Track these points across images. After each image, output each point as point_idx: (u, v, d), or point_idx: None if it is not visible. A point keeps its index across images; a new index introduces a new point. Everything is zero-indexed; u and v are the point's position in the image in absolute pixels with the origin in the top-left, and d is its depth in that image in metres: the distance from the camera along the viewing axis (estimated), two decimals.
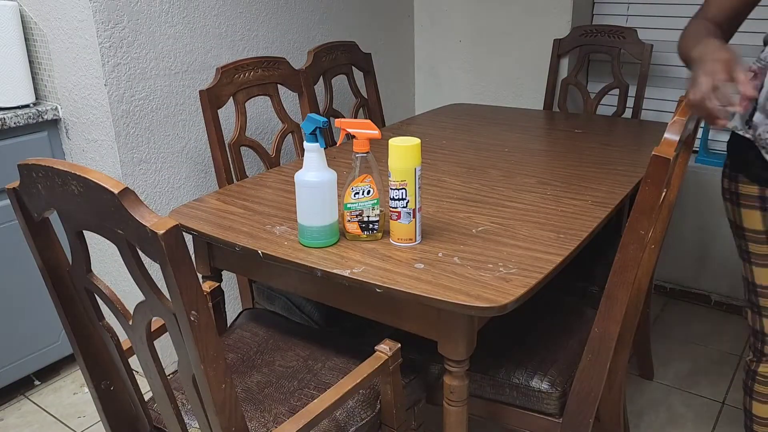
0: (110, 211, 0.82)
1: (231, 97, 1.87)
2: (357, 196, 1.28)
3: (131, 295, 1.99)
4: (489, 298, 1.10)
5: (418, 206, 1.27)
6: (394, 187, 1.25)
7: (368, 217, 1.30)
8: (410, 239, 1.29)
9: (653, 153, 1.07)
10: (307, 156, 1.26)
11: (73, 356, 1.15)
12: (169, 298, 0.85)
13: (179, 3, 2.01)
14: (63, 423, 1.99)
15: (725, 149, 1.39)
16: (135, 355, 1.05)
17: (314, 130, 1.24)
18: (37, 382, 2.17)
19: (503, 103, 2.84)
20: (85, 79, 1.90)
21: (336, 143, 1.75)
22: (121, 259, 0.88)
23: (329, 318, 1.74)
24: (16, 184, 0.97)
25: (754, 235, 1.36)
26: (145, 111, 1.97)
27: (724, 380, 2.13)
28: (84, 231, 0.95)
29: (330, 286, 1.33)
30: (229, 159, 1.87)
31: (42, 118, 1.96)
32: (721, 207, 1.44)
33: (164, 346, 2.07)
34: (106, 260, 2.11)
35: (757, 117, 1.24)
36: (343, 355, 1.43)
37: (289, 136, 2.04)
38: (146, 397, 1.17)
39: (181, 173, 2.11)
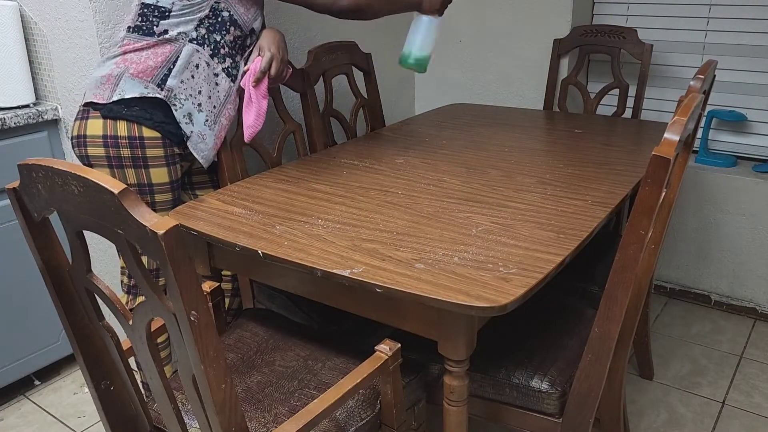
0: (110, 211, 0.82)
1: None
2: None
3: None
4: (489, 298, 1.10)
5: None
6: None
7: None
8: None
9: (653, 153, 1.07)
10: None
11: (73, 356, 1.15)
12: (169, 298, 0.85)
13: None
14: (63, 423, 1.99)
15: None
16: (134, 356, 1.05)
17: None
18: (37, 382, 2.17)
19: (503, 103, 2.84)
20: (85, 79, 1.89)
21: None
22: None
23: (329, 318, 1.74)
24: (16, 184, 0.97)
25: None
26: None
27: (724, 380, 2.13)
28: (84, 231, 0.95)
29: (330, 286, 1.33)
30: (231, 159, 1.87)
31: (42, 118, 1.96)
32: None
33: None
34: (106, 260, 2.11)
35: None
36: (343, 355, 1.43)
37: (291, 135, 2.03)
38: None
39: None
